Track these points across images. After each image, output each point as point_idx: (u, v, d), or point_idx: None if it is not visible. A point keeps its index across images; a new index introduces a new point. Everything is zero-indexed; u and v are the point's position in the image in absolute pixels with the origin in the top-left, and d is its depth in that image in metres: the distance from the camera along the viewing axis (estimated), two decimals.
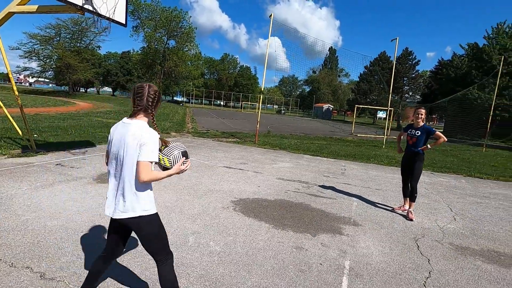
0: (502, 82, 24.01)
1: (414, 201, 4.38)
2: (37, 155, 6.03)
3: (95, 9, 4.55)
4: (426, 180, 7.18)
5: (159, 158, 1.70)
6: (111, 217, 1.73)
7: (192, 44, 52.17)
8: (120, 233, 1.84)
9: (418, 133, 4.31)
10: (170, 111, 26.63)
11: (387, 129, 16.78)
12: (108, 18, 4.78)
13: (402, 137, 4.82)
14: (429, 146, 4.28)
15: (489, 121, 16.67)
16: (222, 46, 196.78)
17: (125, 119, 1.71)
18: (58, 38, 49.79)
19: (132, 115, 1.71)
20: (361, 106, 29.58)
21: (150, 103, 1.71)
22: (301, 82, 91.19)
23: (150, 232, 1.73)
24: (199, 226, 3.41)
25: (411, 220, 4.20)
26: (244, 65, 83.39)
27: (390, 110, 19.22)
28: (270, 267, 2.66)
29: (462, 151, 15.26)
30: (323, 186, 5.74)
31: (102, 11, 4.62)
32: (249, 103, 66.22)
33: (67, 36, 50.92)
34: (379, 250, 3.20)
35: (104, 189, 4.35)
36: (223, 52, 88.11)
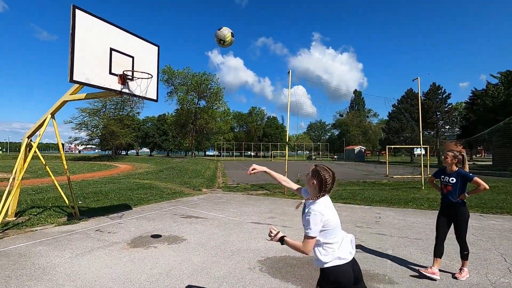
0: None
1: (466, 259, 3.81)
2: (80, 222, 6.53)
3: (131, 91, 5.33)
4: (474, 225, 6.52)
5: None
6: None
7: (220, 102, 56.14)
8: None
9: (452, 180, 3.79)
10: (202, 167, 27.67)
11: (425, 167, 15.82)
12: (142, 97, 5.54)
13: (434, 181, 4.32)
14: (467, 194, 3.74)
15: None
16: (249, 100, 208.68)
17: (326, 197, 2.01)
18: (104, 110, 56.37)
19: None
20: (392, 146, 28.54)
21: None
22: (329, 126, 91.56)
23: None
24: None
25: (459, 279, 3.69)
26: (271, 116, 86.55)
27: (424, 147, 18.32)
28: None
29: None
30: (356, 239, 5.45)
31: (137, 92, 5.40)
32: (278, 151, 66.94)
33: (112, 107, 57.52)
34: None
35: (136, 254, 4.55)
36: (251, 106, 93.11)
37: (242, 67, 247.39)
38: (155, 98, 5.93)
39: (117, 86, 5.16)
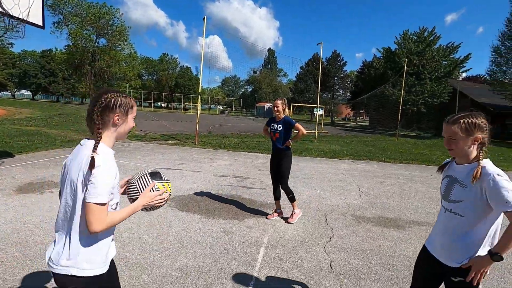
0: (410, 81, 28.17)
1: (294, 201, 4.00)
2: None
3: (5, 10, 4.29)
4: (346, 167, 8.32)
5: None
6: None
7: (126, 43, 48.98)
8: None
9: (280, 127, 3.87)
10: None
11: (319, 124, 18.46)
12: (22, 20, 4.53)
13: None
14: (291, 141, 3.87)
15: (399, 114, 19.54)
16: (160, 45, 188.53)
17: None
18: None
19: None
20: (296, 104, 31.60)
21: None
22: (243, 82, 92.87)
23: None
24: (132, 223, 3.59)
25: (290, 222, 3.90)
26: (185, 66, 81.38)
27: (321, 107, 21.13)
28: (198, 249, 3.03)
29: (380, 141, 17.61)
30: (255, 179, 6.30)
31: (15, 13, 4.37)
32: (191, 104, 64.94)
33: None
34: (294, 226, 3.82)
35: (28, 199, 4.19)
36: (162, 52, 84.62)
37: (152, 5, 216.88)
38: (41, 23, 4.92)
39: None
